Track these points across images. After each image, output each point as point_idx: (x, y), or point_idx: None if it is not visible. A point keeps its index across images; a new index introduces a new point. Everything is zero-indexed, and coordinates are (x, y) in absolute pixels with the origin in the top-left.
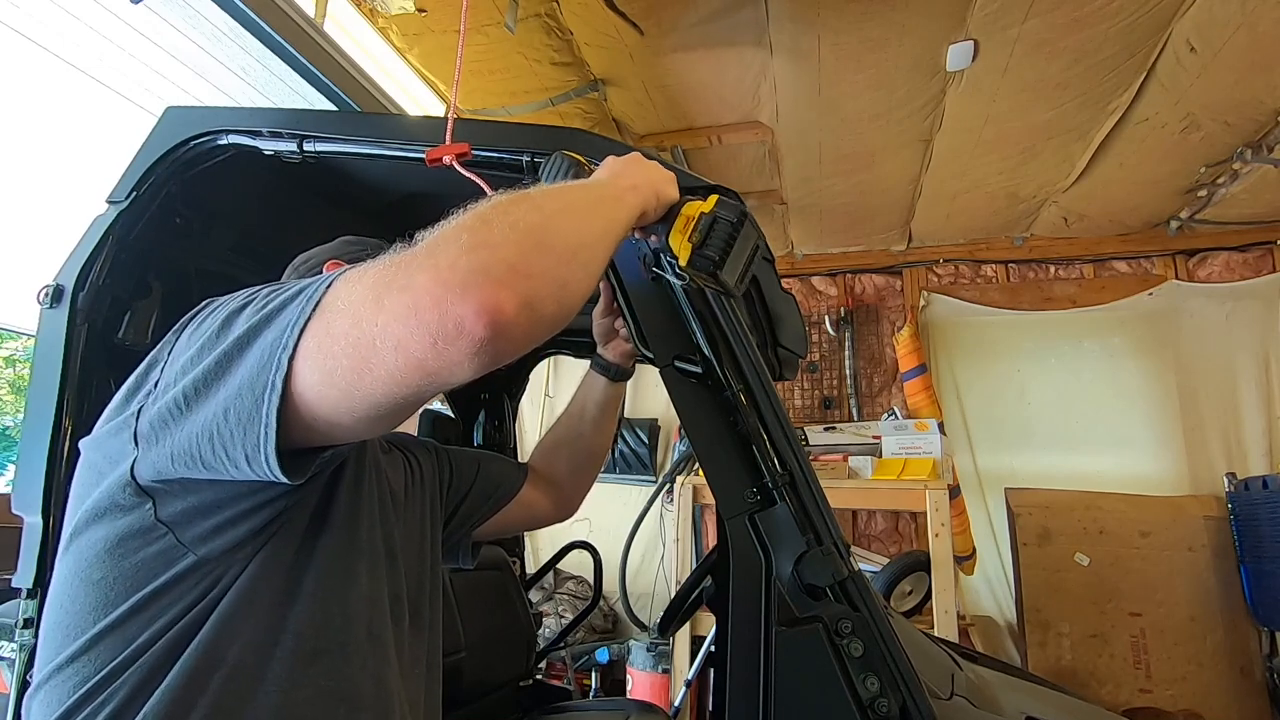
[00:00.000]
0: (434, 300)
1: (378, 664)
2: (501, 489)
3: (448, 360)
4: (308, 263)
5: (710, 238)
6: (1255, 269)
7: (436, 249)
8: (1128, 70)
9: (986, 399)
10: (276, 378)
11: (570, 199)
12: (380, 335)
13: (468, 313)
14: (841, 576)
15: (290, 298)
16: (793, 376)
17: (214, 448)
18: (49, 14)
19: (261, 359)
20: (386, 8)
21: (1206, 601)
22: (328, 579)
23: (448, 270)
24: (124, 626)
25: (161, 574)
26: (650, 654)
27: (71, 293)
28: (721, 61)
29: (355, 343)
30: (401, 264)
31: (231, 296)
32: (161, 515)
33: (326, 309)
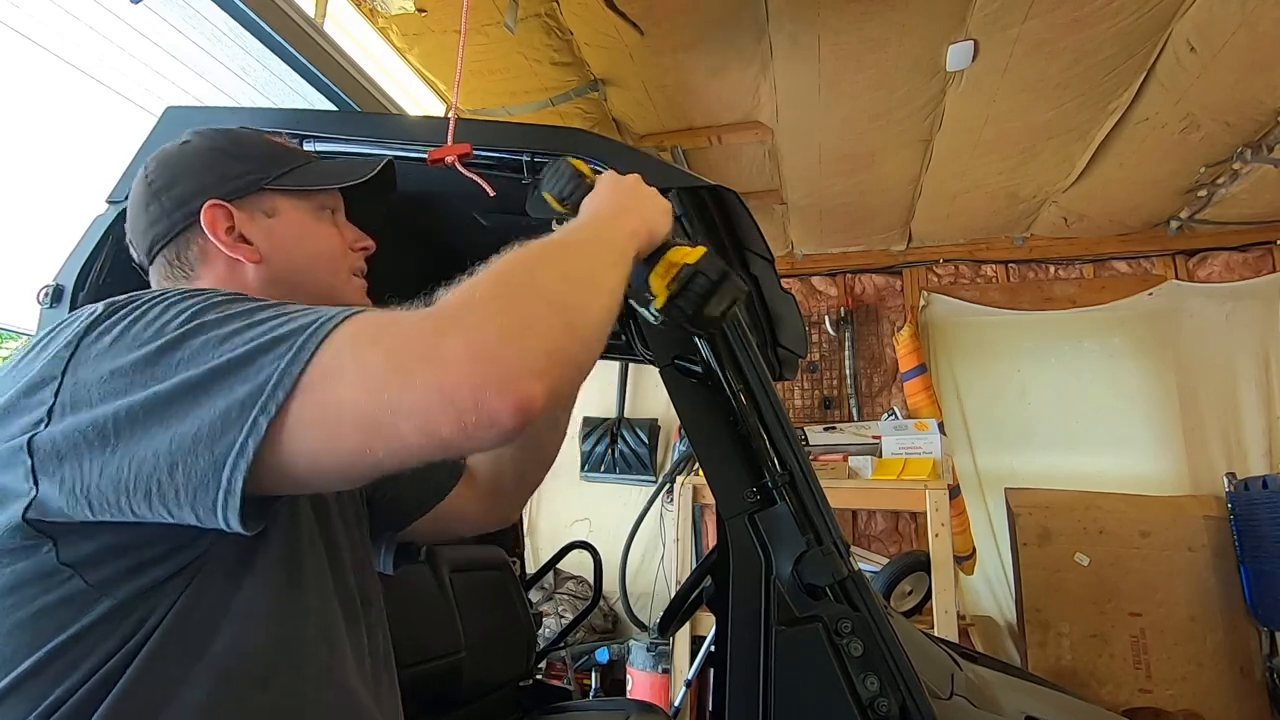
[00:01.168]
0: (471, 387)
1: (338, 669)
2: (437, 482)
3: (473, 442)
4: (170, 190)
5: (687, 290)
6: (1255, 269)
7: (468, 319)
8: (1128, 70)
9: (986, 399)
10: (249, 442)
11: (591, 263)
12: (403, 413)
13: (505, 406)
14: (841, 576)
15: (266, 344)
16: (793, 376)
17: (150, 501)
18: (49, 14)
19: (228, 416)
20: (386, 8)
21: (1206, 601)
22: (271, 595)
23: (486, 358)
24: (27, 686)
25: (71, 623)
26: (650, 654)
27: (71, 293)
28: (721, 61)
29: (370, 418)
30: (427, 329)
31: (156, 300)
32: (65, 558)
33: (328, 374)
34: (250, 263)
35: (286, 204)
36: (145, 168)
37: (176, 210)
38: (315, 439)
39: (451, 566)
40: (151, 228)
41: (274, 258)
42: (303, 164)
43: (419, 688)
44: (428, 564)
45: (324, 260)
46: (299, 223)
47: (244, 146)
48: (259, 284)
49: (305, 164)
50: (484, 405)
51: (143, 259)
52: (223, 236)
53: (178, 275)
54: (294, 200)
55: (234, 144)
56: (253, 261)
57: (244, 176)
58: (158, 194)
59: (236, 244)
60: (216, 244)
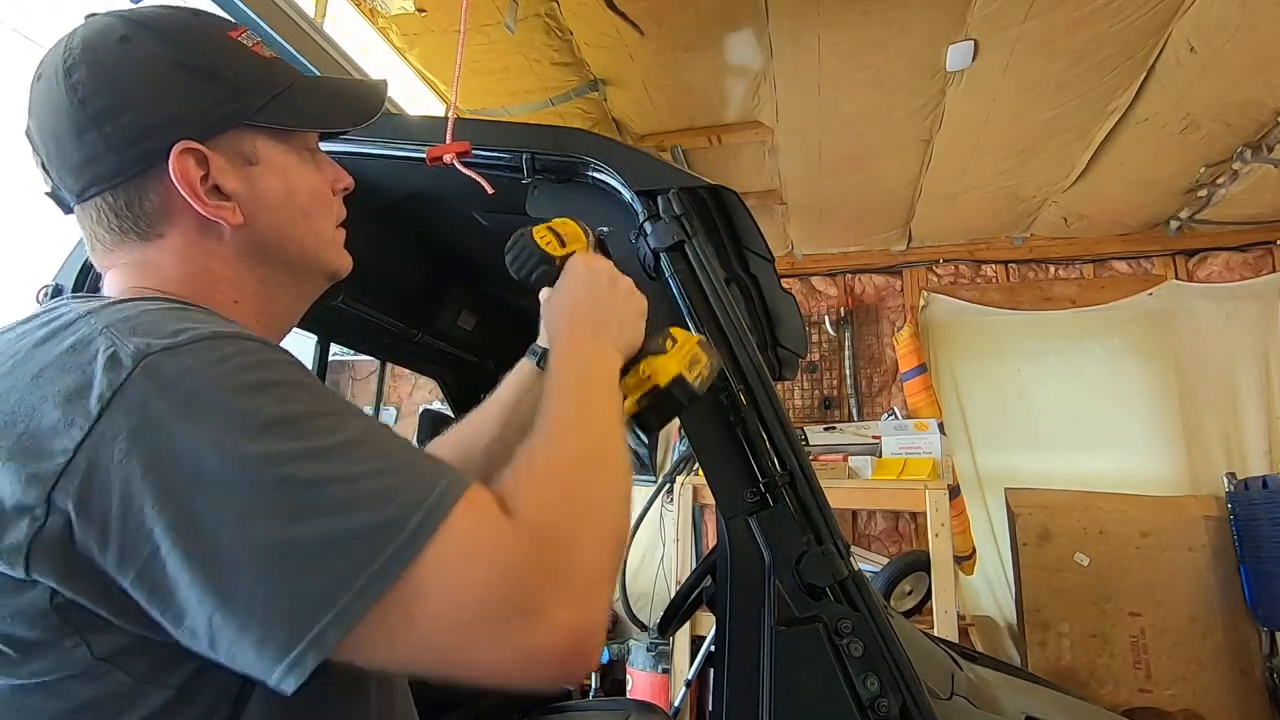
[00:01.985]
0: (558, 659)
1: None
2: None
3: (520, 680)
4: (118, 117)
5: (653, 409)
6: (1255, 269)
7: (568, 575)
8: (1128, 70)
9: (986, 399)
10: (328, 633)
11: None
12: (479, 664)
13: (579, 670)
14: (841, 576)
15: (363, 529)
16: (793, 376)
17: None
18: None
19: (304, 597)
20: (386, 8)
21: (1206, 601)
22: None
23: (583, 633)
24: None
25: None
26: (650, 654)
27: (70, 292)
28: (721, 61)
29: (449, 648)
30: (531, 567)
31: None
32: (99, 653)
33: (421, 585)
34: (229, 224)
35: (268, 145)
36: (67, 69)
37: (130, 148)
38: (383, 647)
39: None
40: (89, 165)
41: (258, 218)
42: (283, 87)
43: (418, 688)
44: None
45: (311, 217)
46: (284, 170)
47: (210, 57)
48: (236, 251)
49: (286, 87)
50: (560, 668)
51: (67, 196)
52: (198, 191)
53: (126, 232)
54: (276, 140)
55: (198, 52)
56: (232, 224)
57: (219, 107)
58: (97, 119)
59: (215, 200)
60: (189, 199)
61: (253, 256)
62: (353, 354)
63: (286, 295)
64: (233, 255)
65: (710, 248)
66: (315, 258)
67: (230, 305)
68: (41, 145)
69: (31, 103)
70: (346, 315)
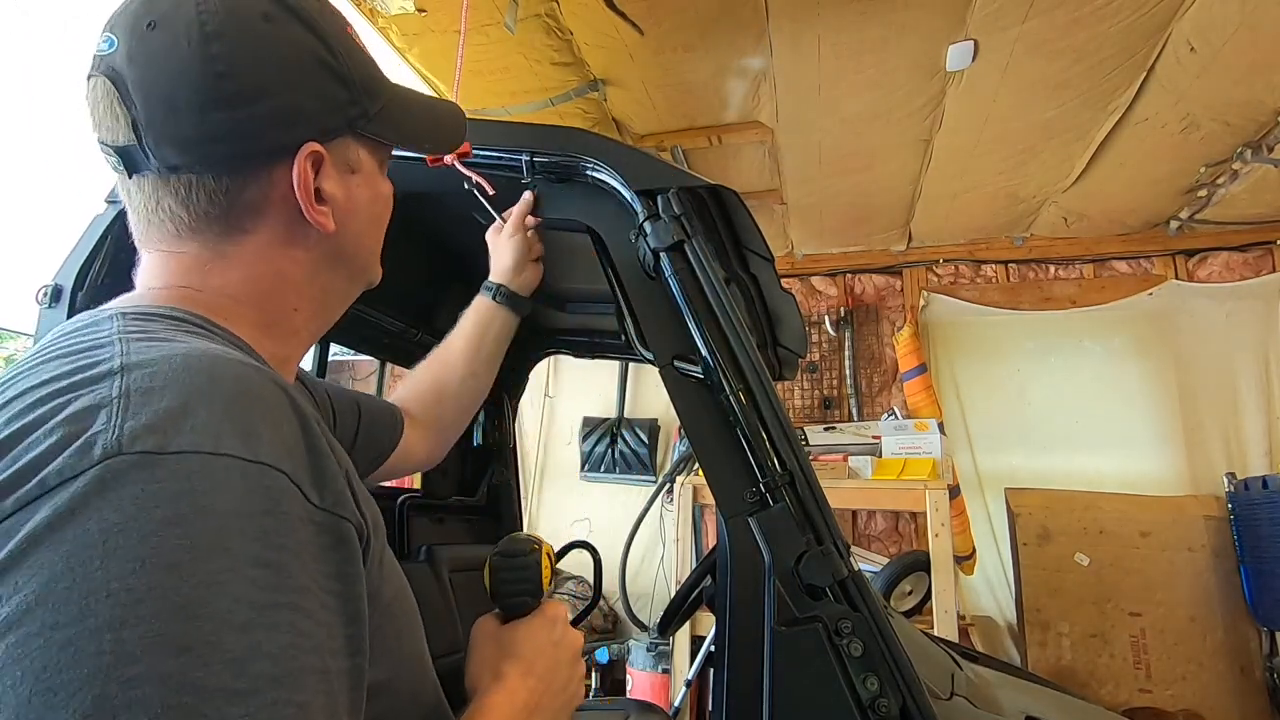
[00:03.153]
0: None
1: None
2: (385, 439)
3: None
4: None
5: None
6: (1255, 269)
7: None
8: (1128, 70)
9: (986, 399)
10: None
11: None
12: None
13: None
14: (841, 576)
15: None
16: (792, 376)
17: None
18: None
19: None
20: (386, 8)
21: (1206, 601)
22: None
23: None
24: None
25: None
26: (650, 654)
27: (70, 292)
28: (721, 61)
29: None
30: None
31: None
32: None
33: None
34: (327, 231)
35: (367, 155)
36: (206, 34)
37: (259, 137)
38: None
39: (451, 566)
40: (205, 143)
41: (345, 228)
42: (391, 96)
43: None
44: (428, 564)
45: (380, 228)
46: (374, 182)
47: (341, 54)
48: (316, 258)
49: (391, 97)
50: None
51: (148, 161)
52: (310, 195)
53: (213, 219)
54: (374, 150)
55: (333, 48)
56: (329, 230)
57: (343, 111)
58: (232, 100)
59: (319, 206)
60: (301, 202)
61: (328, 263)
62: (353, 354)
63: (338, 302)
64: (311, 261)
65: (710, 247)
66: (370, 268)
67: (290, 312)
68: (143, 104)
69: (136, 52)
70: (346, 315)
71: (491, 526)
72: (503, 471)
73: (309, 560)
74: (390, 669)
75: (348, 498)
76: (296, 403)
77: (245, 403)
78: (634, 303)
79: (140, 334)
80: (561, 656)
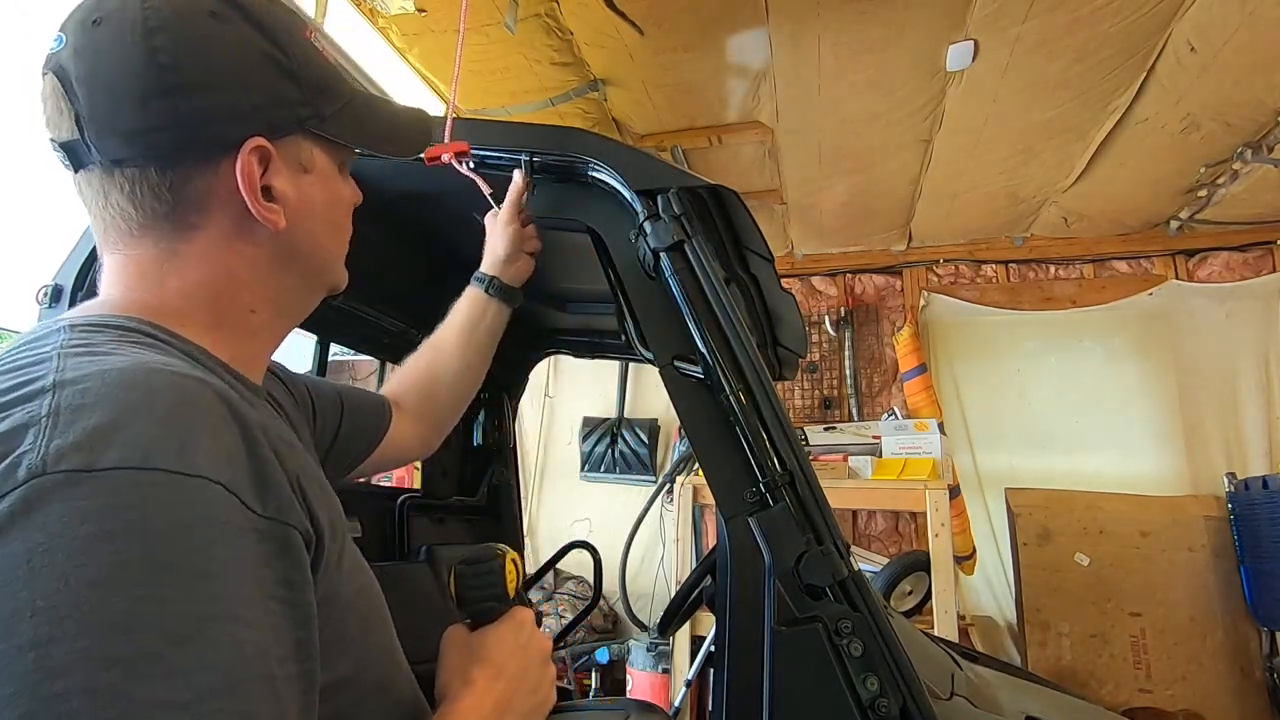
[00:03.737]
0: None
1: None
2: (372, 431)
3: None
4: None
5: None
6: (1255, 269)
7: None
8: (1128, 70)
9: (986, 399)
10: None
11: None
12: None
13: None
14: (841, 576)
15: None
16: (792, 376)
17: None
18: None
19: None
20: (386, 8)
21: (1206, 601)
22: None
23: None
24: None
25: None
26: (650, 654)
27: (70, 292)
28: (721, 61)
29: None
30: None
31: None
32: None
33: None
34: (274, 228)
35: (322, 155)
36: (149, 28)
37: (201, 129)
38: None
39: (451, 566)
40: (147, 135)
41: (298, 225)
42: (347, 99)
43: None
44: (428, 564)
45: (339, 231)
46: (329, 181)
47: (293, 53)
48: (267, 256)
49: (350, 98)
50: None
51: (92, 155)
52: (256, 191)
53: (159, 216)
54: (330, 151)
55: (284, 46)
56: (277, 228)
57: (294, 109)
58: (173, 92)
59: (264, 202)
60: (246, 198)
61: (281, 263)
62: (353, 354)
63: (297, 304)
64: (262, 260)
65: (710, 247)
66: (331, 271)
67: (247, 313)
68: (86, 97)
69: (82, 47)
70: (346, 315)
71: (491, 526)
72: (503, 471)
73: (251, 569)
74: (354, 665)
75: (293, 504)
76: (238, 411)
77: (181, 415)
78: (634, 303)
79: (81, 348)
80: (530, 659)
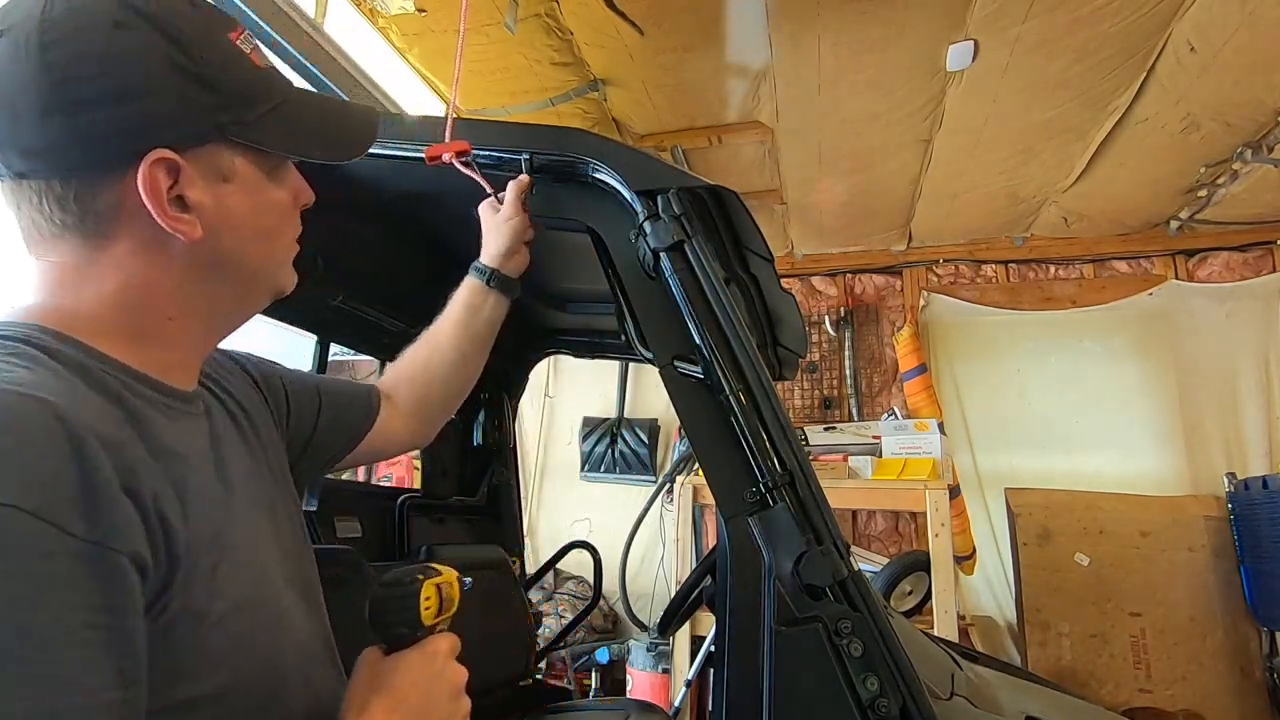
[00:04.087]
0: None
1: None
2: (356, 422)
3: None
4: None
5: None
6: (1255, 269)
7: None
8: (1128, 70)
9: (986, 399)
10: None
11: None
12: None
13: None
14: (841, 576)
15: None
16: (792, 376)
17: None
18: None
19: None
20: (386, 8)
21: (1206, 601)
22: None
23: None
24: None
25: None
26: (650, 654)
27: None
28: (721, 61)
29: None
30: None
31: None
32: None
33: None
34: (187, 239)
35: (245, 163)
36: (44, 42)
37: (101, 145)
38: None
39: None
40: (46, 152)
41: (219, 235)
42: (274, 103)
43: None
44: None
45: (273, 236)
46: (256, 188)
47: (208, 61)
48: (186, 265)
49: (277, 103)
50: None
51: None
52: (163, 202)
53: (69, 227)
54: (255, 158)
55: (196, 54)
56: (191, 239)
57: (206, 118)
58: (71, 107)
59: (174, 213)
60: (152, 211)
61: (203, 272)
62: (353, 354)
63: (230, 311)
64: (181, 269)
65: (710, 247)
66: (269, 277)
67: (164, 321)
68: None
69: None
70: (346, 315)
71: (491, 526)
72: (503, 471)
73: (62, 594)
74: (225, 682)
75: (131, 525)
76: (76, 433)
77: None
78: (634, 303)
79: None
80: (437, 691)
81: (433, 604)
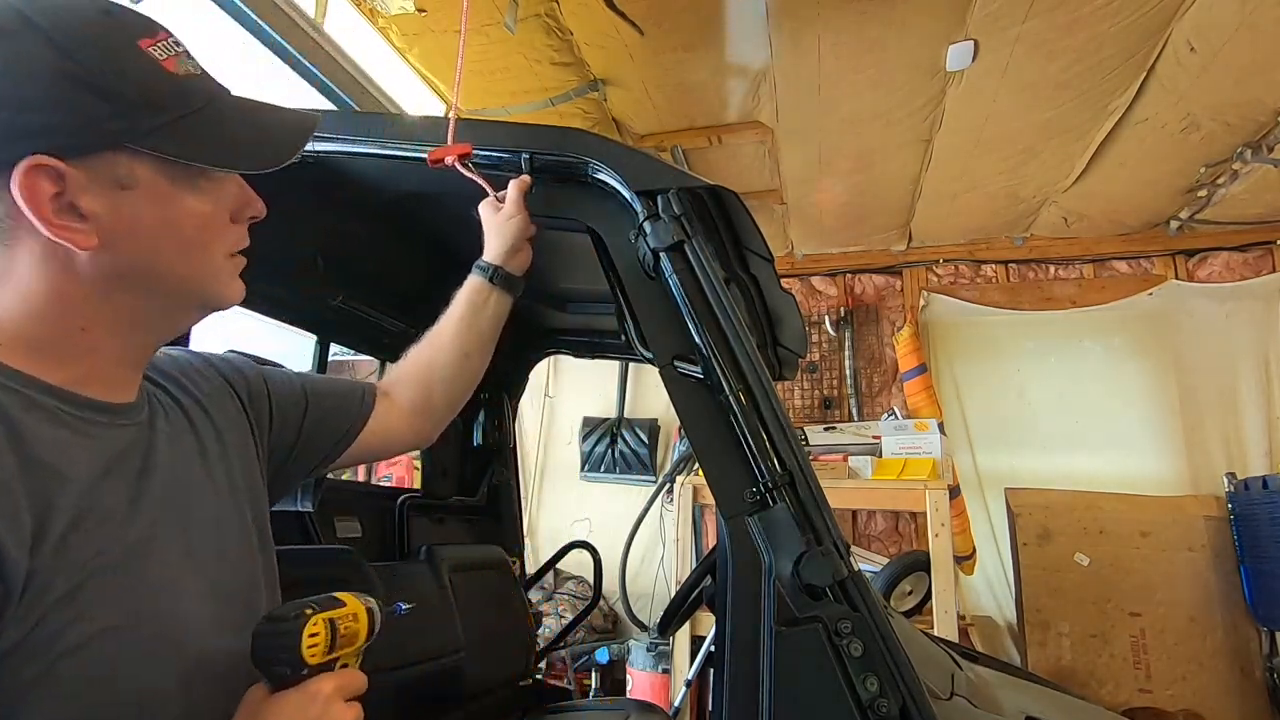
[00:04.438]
0: None
1: None
2: (346, 421)
3: None
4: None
5: None
6: (1255, 269)
7: None
8: (1128, 70)
9: (986, 399)
10: None
11: None
12: None
13: None
14: (841, 576)
15: None
16: (792, 376)
17: None
18: None
19: None
20: (386, 8)
21: (1206, 601)
22: None
23: None
24: None
25: None
26: (650, 654)
27: None
28: (721, 61)
29: None
30: None
31: None
32: None
33: None
34: (79, 248)
35: (150, 171)
36: None
37: None
38: None
39: (451, 566)
40: None
41: (121, 245)
42: (187, 110)
43: (419, 687)
44: (428, 564)
45: (195, 248)
46: (166, 198)
47: (105, 69)
48: (91, 276)
49: (192, 110)
50: None
51: None
52: (45, 210)
53: None
54: (163, 166)
55: (90, 63)
56: (83, 247)
57: (97, 126)
58: None
59: (63, 221)
60: (31, 217)
61: (112, 283)
62: (353, 354)
63: (156, 323)
64: (91, 281)
65: (710, 247)
66: (198, 289)
67: (76, 332)
68: None
69: None
70: (346, 315)
71: (491, 526)
72: (503, 471)
73: None
74: (77, 715)
75: None
76: None
77: None
78: (634, 303)
79: None
80: None
81: (320, 640)
